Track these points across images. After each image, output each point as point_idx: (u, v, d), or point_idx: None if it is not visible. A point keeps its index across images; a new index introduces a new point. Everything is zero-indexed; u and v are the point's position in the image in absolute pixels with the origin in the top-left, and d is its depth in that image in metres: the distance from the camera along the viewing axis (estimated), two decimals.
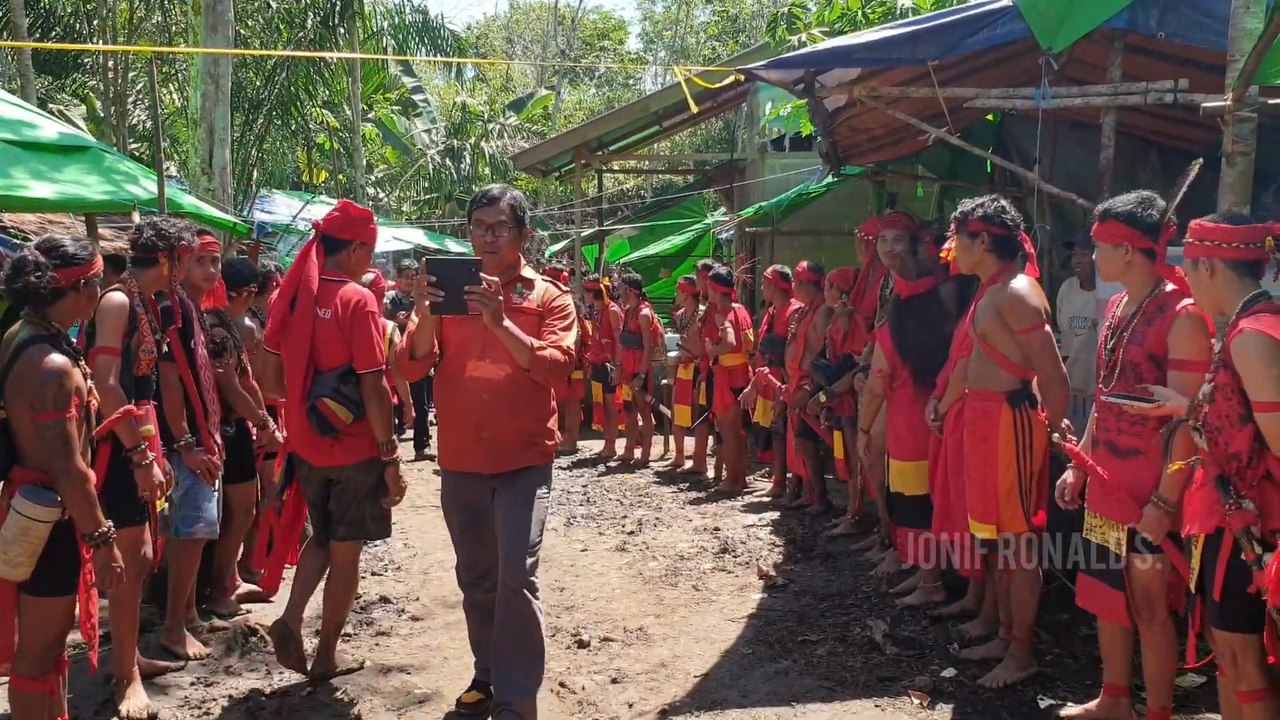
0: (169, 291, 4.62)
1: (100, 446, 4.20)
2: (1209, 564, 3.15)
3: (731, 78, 8.94)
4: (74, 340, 3.62)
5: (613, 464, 9.97)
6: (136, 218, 5.53)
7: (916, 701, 4.34)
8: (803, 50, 5.70)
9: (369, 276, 8.16)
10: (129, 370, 4.32)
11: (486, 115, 28.07)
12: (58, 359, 3.39)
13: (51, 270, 3.46)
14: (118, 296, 4.31)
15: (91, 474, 3.50)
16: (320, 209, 19.21)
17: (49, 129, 7.54)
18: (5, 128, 7.11)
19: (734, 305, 8.66)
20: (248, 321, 5.80)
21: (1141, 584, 3.72)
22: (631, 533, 7.34)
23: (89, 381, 3.60)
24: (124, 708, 4.32)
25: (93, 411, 3.65)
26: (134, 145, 20.59)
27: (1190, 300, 3.50)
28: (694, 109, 10.38)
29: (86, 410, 3.57)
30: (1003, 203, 4.48)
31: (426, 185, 26.63)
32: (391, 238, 21.13)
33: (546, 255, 20.88)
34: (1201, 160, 4.13)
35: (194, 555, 4.97)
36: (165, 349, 4.56)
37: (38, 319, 3.48)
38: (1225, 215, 3.33)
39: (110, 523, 3.53)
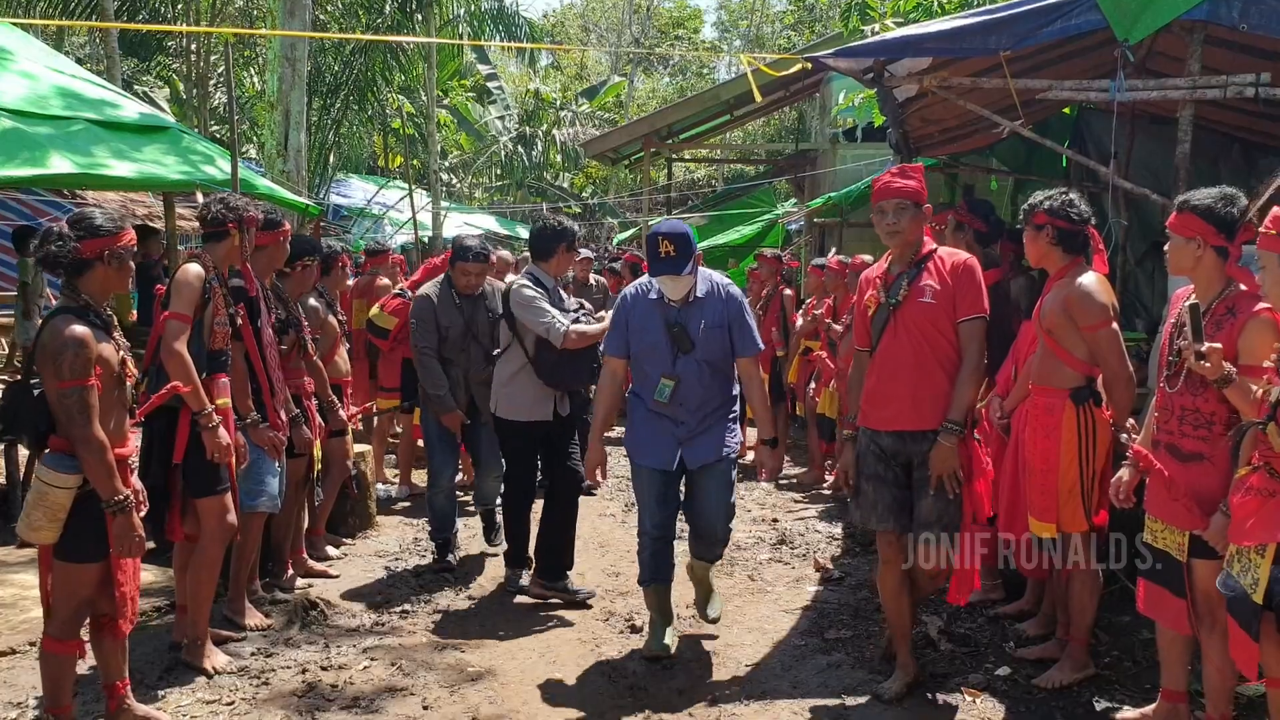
0: (241, 265, 4.71)
1: (182, 415, 4.33)
2: None
3: (798, 66, 8.83)
4: (107, 314, 3.67)
5: None
6: (201, 198, 5.65)
7: (969, 699, 4.30)
8: (873, 39, 5.63)
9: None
10: (200, 342, 4.42)
11: (559, 103, 28.17)
12: (78, 328, 3.45)
13: (75, 241, 3.53)
14: (195, 267, 4.42)
15: (108, 441, 3.51)
16: (394, 194, 19.57)
17: (130, 109, 7.75)
18: (88, 107, 7.33)
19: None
20: (312, 301, 5.91)
21: (1203, 591, 3.63)
22: None
23: (123, 353, 3.65)
24: (208, 664, 4.52)
25: (129, 383, 3.71)
26: (214, 127, 21.04)
27: (1266, 304, 3.39)
28: (758, 98, 10.29)
29: (121, 382, 3.65)
30: (1071, 196, 4.39)
31: (499, 172, 26.83)
32: (463, 223, 21.36)
33: (615, 242, 20.93)
34: None
35: (257, 528, 5.09)
36: (234, 326, 4.67)
37: (69, 291, 3.59)
38: None
39: (129, 491, 3.59)
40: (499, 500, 6.12)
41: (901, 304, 4.24)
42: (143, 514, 3.67)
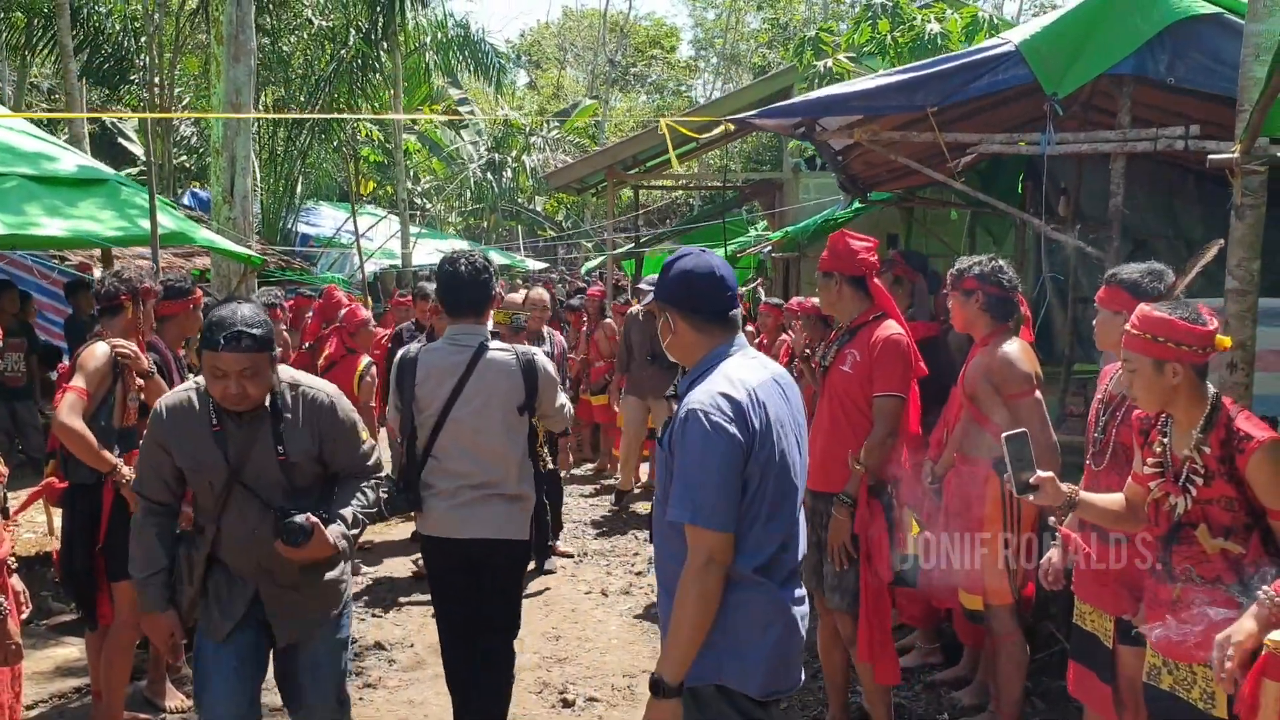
0: (138, 340, 4.58)
1: (105, 494, 4.25)
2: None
3: (721, 129, 8.73)
4: None
5: (637, 490, 9.66)
6: (97, 272, 5.54)
7: None
8: (796, 100, 5.55)
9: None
10: (111, 419, 4.34)
11: (529, 129, 28.08)
12: None
13: None
14: (102, 345, 4.35)
15: None
16: (366, 221, 19.46)
17: (68, 161, 7.63)
18: (24, 161, 7.21)
19: None
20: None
21: (1128, 678, 3.53)
22: (640, 573, 7.22)
23: None
24: None
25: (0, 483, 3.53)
26: (182, 158, 20.91)
27: None
28: (675, 164, 10.11)
29: None
30: (999, 262, 4.34)
31: (471, 196, 26.77)
32: (434, 250, 21.28)
33: (584, 270, 20.84)
34: (1222, 242, 3.96)
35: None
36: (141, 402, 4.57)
37: None
38: (1191, 313, 2.95)
39: (2, 598, 3.37)
40: None
41: (828, 368, 4.37)
42: (24, 615, 3.52)
